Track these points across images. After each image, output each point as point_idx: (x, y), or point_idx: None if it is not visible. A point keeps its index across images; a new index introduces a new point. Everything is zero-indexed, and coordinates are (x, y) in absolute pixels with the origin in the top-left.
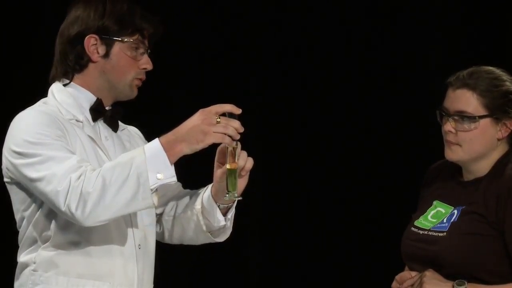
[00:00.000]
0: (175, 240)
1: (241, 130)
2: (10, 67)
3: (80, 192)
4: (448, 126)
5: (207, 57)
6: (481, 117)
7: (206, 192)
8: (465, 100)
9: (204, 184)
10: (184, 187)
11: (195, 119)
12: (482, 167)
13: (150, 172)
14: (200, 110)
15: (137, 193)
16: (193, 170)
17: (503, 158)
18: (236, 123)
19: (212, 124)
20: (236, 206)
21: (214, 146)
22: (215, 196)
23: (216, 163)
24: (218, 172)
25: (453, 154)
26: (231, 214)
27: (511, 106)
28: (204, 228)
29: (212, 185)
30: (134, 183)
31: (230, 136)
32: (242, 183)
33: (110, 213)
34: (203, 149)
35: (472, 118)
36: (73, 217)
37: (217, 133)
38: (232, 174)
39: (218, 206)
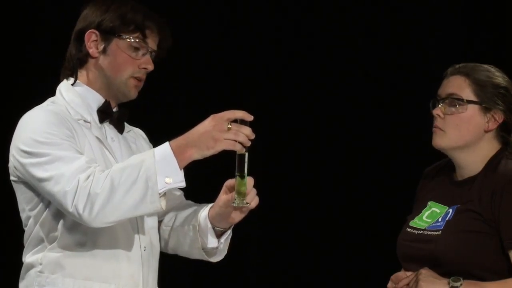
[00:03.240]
0: (170, 250)
1: (252, 137)
2: (13, 68)
3: (88, 192)
4: (437, 110)
5: (210, 59)
6: (469, 101)
7: (204, 211)
8: (457, 84)
9: (207, 195)
10: (187, 197)
11: (207, 125)
12: (473, 164)
13: (159, 176)
14: (212, 116)
15: (145, 196)
16: (199, 180)
17: (495, 156)
18: (247, 130)
19: (223, 131)
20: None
21: (223, 155)
22: (212, 219)
23: (224, 188)
24: (222, 197)
25: (438, 139)
26: (225, 237)
27: (501, 99)
28: (199, 245)
29: (212, 207)
30: (142, 186)
31: (240, 143)
32: (239, 216)
33: (117, 214)
34: (212, 156)
35: (461, 101)
36: (81, 218)
37: (228, 140)
38: (241, 181)
39: (213, 228)
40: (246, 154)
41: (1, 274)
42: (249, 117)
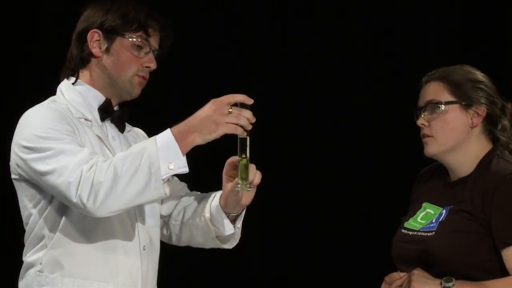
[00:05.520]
0: (183, 244)
1: (253, 120)
2: (13, 68)
3: (92, 182)
4: (421, 120)
5: (210, 59)
6: (448, 103)
7: (214, 201)
8: (433, 89)
9: (210, 183)
10: (191, 188)
11: (207, 109)
12: (465, 165)
13: (162, 162)
14: (212, 100)
15: (149, 182)
16: (200, 170)
17: (487, 155)
18: (248, 113)
19: (224, 115)
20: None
21: (223, 141)
22: (224, 208)
23: (225, 176)
24: (228, 186)
25: (429, 147)
26: (240, 222)
27: (480, 93)
28: (214, 235)
29: (221, 197)
30: (145, 173)
31: (242, 127)
32: (249, 195)
33: (122, 203)
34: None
35: (440, 104)
36: (85, 208)
37: (229, 123)
38: (243, 165)
39: (228, 216)
40: (248, 138)
41: (1, 274)
42: (249, 101)
